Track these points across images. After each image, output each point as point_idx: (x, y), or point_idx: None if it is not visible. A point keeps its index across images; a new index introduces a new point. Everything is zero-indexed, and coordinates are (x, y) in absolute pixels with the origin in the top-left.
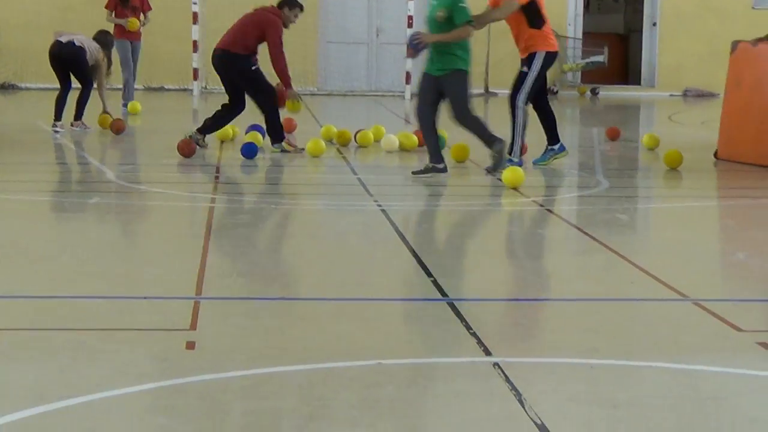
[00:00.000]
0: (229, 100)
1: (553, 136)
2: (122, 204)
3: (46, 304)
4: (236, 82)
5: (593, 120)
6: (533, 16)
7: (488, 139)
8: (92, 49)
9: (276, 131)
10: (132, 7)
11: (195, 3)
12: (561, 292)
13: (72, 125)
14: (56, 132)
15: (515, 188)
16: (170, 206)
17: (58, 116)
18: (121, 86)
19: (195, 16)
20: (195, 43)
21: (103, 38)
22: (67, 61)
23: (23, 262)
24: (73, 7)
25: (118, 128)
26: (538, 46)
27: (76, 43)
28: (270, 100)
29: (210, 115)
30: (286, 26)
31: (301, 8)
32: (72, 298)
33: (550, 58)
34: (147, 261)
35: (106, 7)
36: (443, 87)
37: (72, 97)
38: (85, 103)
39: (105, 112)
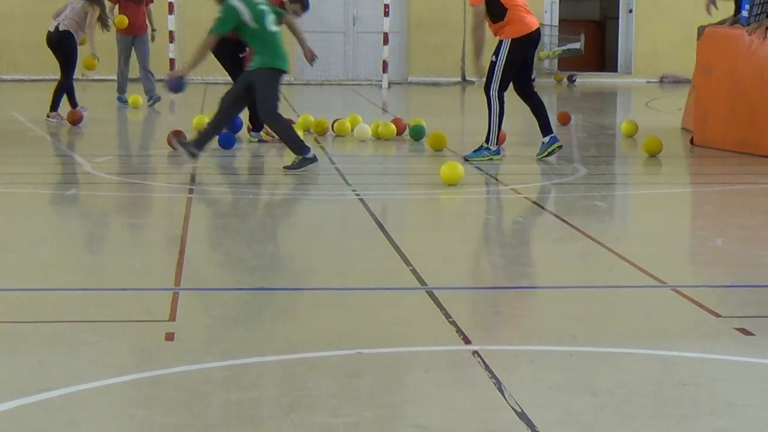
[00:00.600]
0: None
1: (543, 127)
2: (99, 195)
3: (24, 297)
4: (227, 70)
5: (571, 107)
6: (492, 10)
7: (292, 144)
8: (77, 19)
9: (257, 120)
10: (135, 0)
11: None
12: (540, 279)
13: (47, 116)
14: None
15: (452, 185)
16: (148, 197)
17: (72, 104)
18: (114, 78)
19: (171, 6)
20: (171, 33)
21: None
22: (54, 48)
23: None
24: None
25: (73, 119)
26: (503, 34)
27: (61, 28)
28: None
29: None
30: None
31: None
32: (49, 290)
33: (517, 43)
34: (125, 252)
35: (109, 0)
36: (253, 83)
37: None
38: (62, 94)
39: (93, 55)
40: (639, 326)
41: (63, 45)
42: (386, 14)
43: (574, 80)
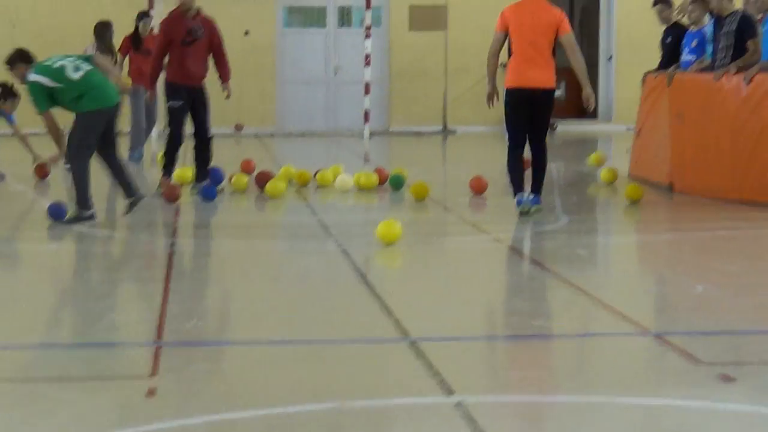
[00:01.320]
0: None
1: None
2: (80, 250)
3: (3, 354)
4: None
5: (552, 155)
6: (508, 49)
7: (78, 194)
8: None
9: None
10: (146, 50)
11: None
12: (523, 328)
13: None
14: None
15: (390, 244)
16: (128, 251)
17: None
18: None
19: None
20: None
21: (98, 29)
22: None
23: None
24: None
25: (41, 173)
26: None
27: None
28: None
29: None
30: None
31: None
32: (29, 348)
33: (508, 95)
34: (106, 307)
35: (118, 50)
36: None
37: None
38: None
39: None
40: (622, 374)
41: None
42: (367, 64)
43: (555, 128)
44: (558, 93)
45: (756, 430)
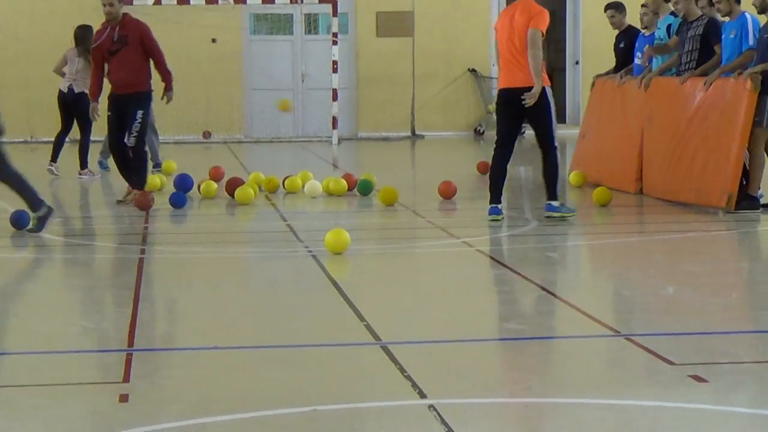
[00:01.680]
0: None
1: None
2: (50, 258)
3: None
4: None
5: (520, 159)
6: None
7: (30, 201)
8: (86, 77)
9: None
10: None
11: None
12: (494, 331)
13: (80, 175)
14: (52, 173)
15: (337, 253)
16: (99, 258)
17: (54, 157)
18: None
19: None
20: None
21: (78, 33)
22: (71, 108)
23: None
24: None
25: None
26: None
27: (76, 90)
28: None
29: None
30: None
31: None
32: (0, 355)
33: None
34: (77, 314)
35: None
36: None
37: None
38: (87, 151)
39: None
40: (593, 376)
41: (79, 106)
42: (335, 71)
43: (523, 132)
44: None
45: (728, 430)
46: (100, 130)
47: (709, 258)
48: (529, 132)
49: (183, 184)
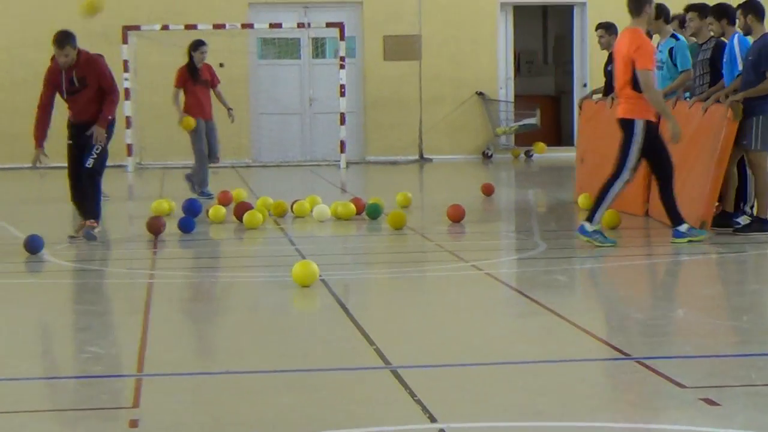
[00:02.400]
0: None
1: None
2: (58, 283)
3: None
4: None
5: (529, 182)
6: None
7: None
8: None
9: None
10: (203, 81)
11: (126, 79)
12: (503, 355)
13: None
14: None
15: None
16: (108, 283)
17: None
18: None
19: (127, 92)
20: (128, 119)
21: None
22: None
23: None
24: (2, 86)
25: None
26: None
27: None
28: None
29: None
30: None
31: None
32: (10, 380)
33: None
34: (86, 340)
35: (175, 86)
36: None
37: None
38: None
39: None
40: (604, 400)
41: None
42: (342, 95)
43: (531, 155)
44: (533, 121)
45: None
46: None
47: (719, 281)
48: (537, 154)
49: (191, 208)
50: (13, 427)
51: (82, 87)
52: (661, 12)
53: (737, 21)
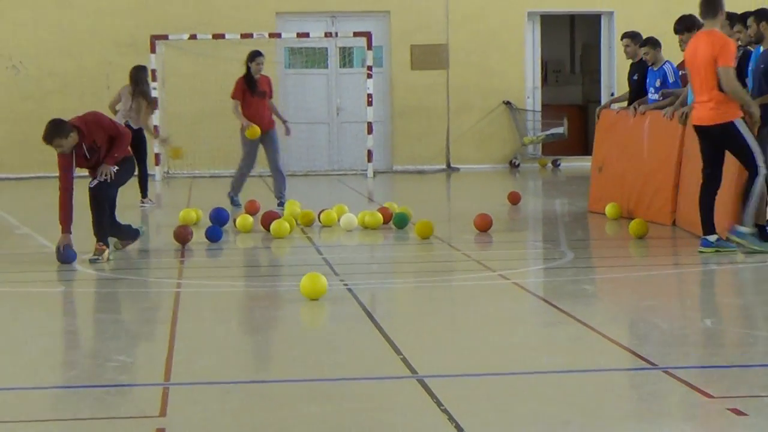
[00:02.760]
0: None
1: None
2: (87, 292)
3: (12, 396)
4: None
5: (556, 191)
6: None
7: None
8: (135, 114)
9: None
10: (261, 92)
11: (155, 88)
12: (530, 365)
13: (141, 203)
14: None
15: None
16: (136, 292)
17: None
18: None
19: (155, 101)
20: (156, 128)
21: (133, 74)
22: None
23: None
24: (32, 96)
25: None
26: None
27: (134, 126)
28: None
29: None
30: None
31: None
32: (38, 389)
33: None
34: (113, 349)
35: (232, 97)
36: None
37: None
38: (146, 181)
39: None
40: (631, 410)
41: (136, 140)
42: (369, 104)
43: (559, 165)
44: (561, 130)
45: None
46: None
47: (746, 290)
48: (564, 164)
49: (219, 218)
50: None
51: (96, 152)
52: (693, 24)
53: (749, 28)
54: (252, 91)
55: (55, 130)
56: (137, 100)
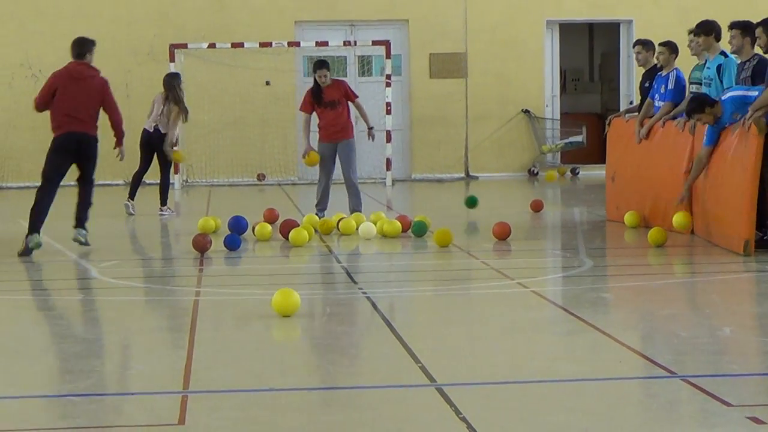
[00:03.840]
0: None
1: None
2: (106, 300)
3: (31, 404)
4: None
5: (575, 200)
6: None
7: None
8: (167, 120)
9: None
10: (328, 103)
11: None
12: (549, 373)
13: (160, 211)
14: (128, 209)
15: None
16: (154, 301)
17: (132, 194)
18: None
19: (186, 111)
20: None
21: (166, 80)
22: (155, 147)
23: (6, 362)
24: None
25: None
26: None
27: (162, 130)
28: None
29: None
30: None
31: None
32: (57, 397)
33: None
34: (132, 357)
35: (300, 110)
36: None
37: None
38: (167, 189)
39: (172, 145)
40: (650, 418)
41: (162, 145)
42: (388, 112)
43: (577, 173)
44: (579, 138)
45: None
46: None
47: (765, 298)
48: (583, 172)
49: (237, 226)
50: None
51: None
52: (712, 28)
53: (758, 39)
54: (318, 102)
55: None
56: (168, 105)
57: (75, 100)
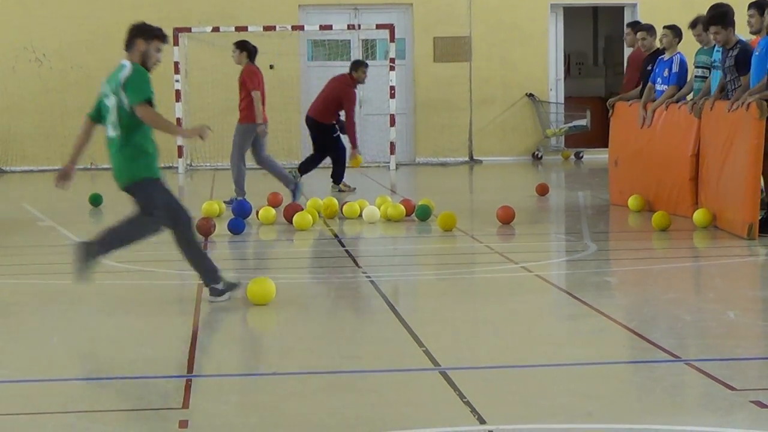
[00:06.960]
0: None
1: None
2: (110, 284)
3: (36, 388)
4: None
5: (579, 184)
6: None
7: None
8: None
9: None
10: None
11: (177, 81)
12: (553, 357)
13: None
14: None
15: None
16: (158, 285)
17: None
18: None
19: (177, 93)
20: (179, 120)
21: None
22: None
23: (11, 347)
24: (55, 88)
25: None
26: None
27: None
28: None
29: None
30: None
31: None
32: (62, 381)
33: None
34: (136, 341)
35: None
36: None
37: None
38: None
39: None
40: (654, 401)
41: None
42: (392, 96)
43: (581, 157)
44: (584, 122)
45: None
46: None
47: None
48: (587, 156)
49: (241, 210)
50: (63, 426)
51: None
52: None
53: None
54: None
55: None
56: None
57: None
